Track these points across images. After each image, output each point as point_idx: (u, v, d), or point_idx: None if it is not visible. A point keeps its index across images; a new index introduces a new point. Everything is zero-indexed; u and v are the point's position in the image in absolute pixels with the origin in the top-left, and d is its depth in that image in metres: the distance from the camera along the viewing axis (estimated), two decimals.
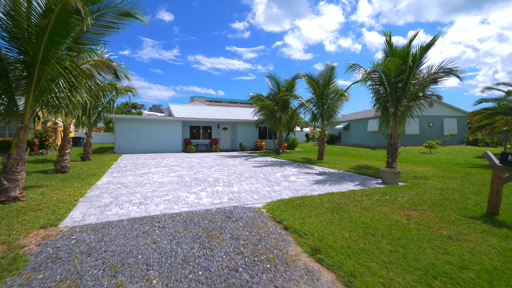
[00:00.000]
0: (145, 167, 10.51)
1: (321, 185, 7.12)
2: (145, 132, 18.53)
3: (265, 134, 23.05)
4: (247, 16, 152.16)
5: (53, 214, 4.31)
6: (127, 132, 17.99)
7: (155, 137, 18.82)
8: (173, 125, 19.42)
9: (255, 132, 22.34)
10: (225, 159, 13.99)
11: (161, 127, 19.03)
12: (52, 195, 5.50)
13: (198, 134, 21.79)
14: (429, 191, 6.42)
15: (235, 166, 11.16)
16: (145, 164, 11.51)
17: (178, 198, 5.63)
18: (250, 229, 3.89)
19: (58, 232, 3.63)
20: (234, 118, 21.40)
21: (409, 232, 3.75)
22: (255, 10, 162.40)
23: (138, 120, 18.39)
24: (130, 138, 18.07)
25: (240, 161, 13.08)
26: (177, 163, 12.09)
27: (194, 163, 12.13)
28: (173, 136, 19.42)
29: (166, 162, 12.43)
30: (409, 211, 4.79)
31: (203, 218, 4.30)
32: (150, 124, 18.71)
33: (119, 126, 17.80)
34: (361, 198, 5.58)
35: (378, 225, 4.04)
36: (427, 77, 9.11)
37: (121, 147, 17.84)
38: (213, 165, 11.40)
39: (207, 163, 12.13)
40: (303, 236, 3.63)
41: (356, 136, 28.12)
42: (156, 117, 18.87)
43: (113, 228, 3.83)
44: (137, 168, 10.33)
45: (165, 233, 3.65)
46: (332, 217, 4.39)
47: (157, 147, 18.89)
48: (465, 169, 10.35)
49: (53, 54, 5.34)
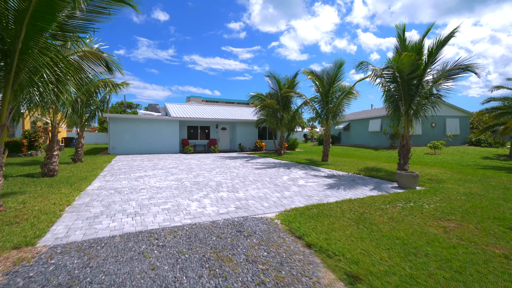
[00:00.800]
0: (141, 170, 9.82)
1: (335, 190, 6.52)
2: (141, 132, 17.80)
3: (264, 135, 22.45)
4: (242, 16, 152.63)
5: (32, 229, 3.64)
6: (122, 132, 17.23)
7: (151, 138, 18.09)
8: (170, 125, 18.70)
9: (254, 132, 21.72)
10: (225, 161, 13.34)
11: (157, 127, 18.30)
12: (35, 204, 4.81)
13: (196, 135, 21.10)
14: (453, 196, 5.87)
15: (237, 168, 10.53)
16: (140, 167, 10.81)
17: (179, 206, 4.98)
18: (267, 247, 3.27)
19: (34, 254, 2.96)
20: (233, 118, 20.76)
21: (456, 251, 3.16)
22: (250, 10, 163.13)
23: (133, 120, 17.64)
24: (125, 139, 17.32)
25: (242, 163, 12.45)
26: (175, 165, 11.42)
27: (193, 165, 11.46)
28: (170, 136, 18.70)
29: (163, 164, 11.75)
30: (443, 222, 4.21)
31: (209, 233, 3.66)
32: (146, 124, 17.97)
33: (113, 126, 17.03)
34: (384, 206, 4.99)
35: (415, 240, 3.45)
36: (442, 73, 8.59)
37: (115, 148, 17.08)
38: (213, 167, 10.75)
39: (207, 165, 11.48)
40: (332, 256, 3.01)
41: (356, 137, 27.65)
42: (152, 117, 18.14)
43: (103, 247, 3.17)
44: (132, 170, 9.63)
45: (165, 255, 3.01)
46: (360, 230, 3.78)
47: (154, 148, 18.16)
48: (478, 171, 9.85)
49: (35, 42, 4.66)
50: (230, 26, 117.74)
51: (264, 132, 22.42)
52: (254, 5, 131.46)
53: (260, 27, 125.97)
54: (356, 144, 27.12)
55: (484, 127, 14.54)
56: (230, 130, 22.19)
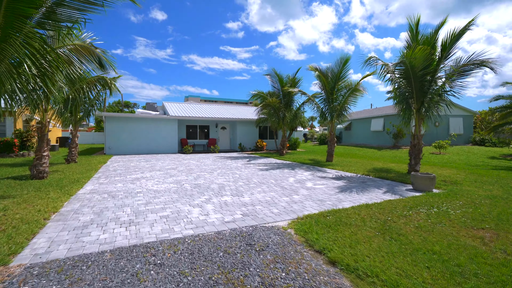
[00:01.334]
0: (138, 171, 9.30)
1: (347, 194, 6.04)
2: (138, 132, 17.24)
3: (265, 134, 21.95)
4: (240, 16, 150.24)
5: (8, 243, 3.12)
6: (118, 132, 16.67)
7: (149, 137, 17.54)
8: (169, 124, 18.16)
9: (255, 131, 21.22)
10: (226, 161, 12.83)
11: (155, 126, 17.75)
12: (17, 211, 4.29)
13: (195, 134, 20.57)
14: (477, 200, 5.40)
15: (239, 170, 10.03)
16: (137, 168, 10.29)
17: (179, 213, 4.48)
18: (284, 265, 2.77)
19: (4, 278, 2.45)
20: (234, 117, 20.25)
21: (508, 270, 2.68)
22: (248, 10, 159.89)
23: (130, 119, 17.09)
24: (121, 138, 16.76)
25: (243, 163, 11.96)
26: (174, 166, 10.90)
27: (193, 166, 10.94)
28: (169, 136, 18.16)
29: (161, 165, 11.22)
30: (477, 231, 3.73)
31: (215, 247, 3.16)
32: (144, 123, 17.42)
33: (109, 125, 16.47)
34: (407, 213, 4.51)
35: (455, 255, 2.96)
36: (456, 69, 8.13)
37: (112, 147, 16.52)
38: (214, 168, 10.24)
39: (207, 166, 10.96)
40: (364, 278, 2.52)
41: (358, 136, 27.23)
42: (150, 116, 17.60)
43: (89, 267, 2.66)
44: (128, 172, 9.11)
45: (164, 277, 2.51)
46: (388, 242, 3.30)
47: (151, 147, 17.61)
48: (491, 171, 9.42)
49: (17, 29, 4.14)
50: (228, 26, 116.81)
51: (264, 131, 21.92)
52: (252, 5, 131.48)
53: (258, 27, 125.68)
54: (358, 144, 26.70)
55: (492, 126, 14.12)
56: (230, 130, 21.68)
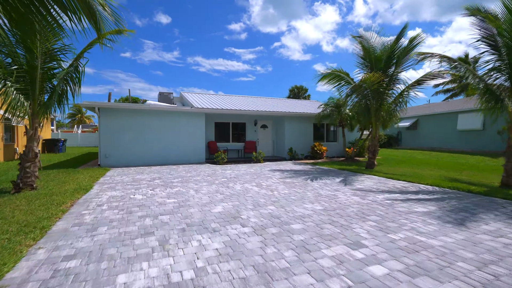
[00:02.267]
0: (158, 229, 3.51)
1: None
2: (149, 131, 11.54)
3: (321, 135, 15.91)
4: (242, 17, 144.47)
5: None
6: (119, 131, 11.01)
7: (164, 140, 11.81)
8: (193, 120, 12.40)
9: (309, 131, 15.22)
10: (314, 185, 6.89)
11: (173, 123, 12.01)
12: None
13: (227, 135, 14.75)
14: None
15: (404, 219, 4.06)
16: (151, 210, 4.52)
17: None
18: None
19: None
20: (281, 111, 14.29)
21: None
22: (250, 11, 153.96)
23: (137, 112, 11.39)
24: (124, 142, 11.08)
25: (361, 196, 6.00)
26: (232, 205, 5.04)
27: (279, 202, 5.05)
28: (193, 137, 12.40)
29: (203, 200, 5.39)
30: None
31: None
32: (157, 118, 11.70)
33: (106, 121, 10.81)
34: None
35: None
36: None
37: (109, 156, 10.85)
38: (352, 221, 4.31)
39: (305, 202, 5.04)
40: None
41: (430, 137, 20.87)
42: (166, 108, 11.86)
43: None
44: (133, 241, 3.32)
45: None
46: None
47: (168, 155, 11.87)
48: None
49: None
50: (230, 28, 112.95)
51: (321, 130, 15.87)
52: (254, 6, 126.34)
53: (261, 27, 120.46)
54: (429, 147, 20.37)
55: None
56: (272, 129, 15.76)
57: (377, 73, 9.00)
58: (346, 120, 13.16)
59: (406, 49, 9.22)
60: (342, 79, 10.79)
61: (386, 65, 9.93)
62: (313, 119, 14.99)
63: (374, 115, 10.34)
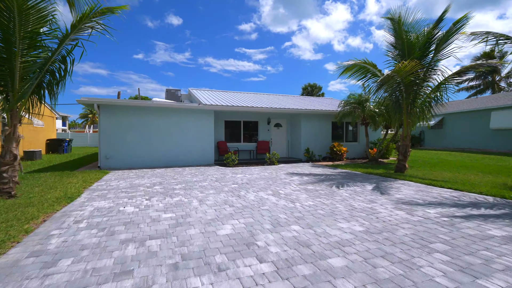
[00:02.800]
0: (141, 264, 2.42)
1: None
2: (153, 131, 10.60)
3: (341, 135, 14.56)
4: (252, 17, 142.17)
5: None
6: (120, 130, 10.12)
7: (169, 139, 10.84)
8: (201, 118, 11.38)
9: (327, 131, 13.92)
10: (342, 193, 5.68)
11: (180, 121, 11.03)
12: None
13: (238, 134, 13.67)
14: None
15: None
16: (140, 237, 3.45)
17: None
18: None
19: None
20: (297, 108, 13.06)
21: None
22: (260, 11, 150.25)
23: (141, 109, 10.47)
24: (125, 142, 10.18)
25: (408, 211, 4.75)
26: (245, 223, 3.92)
27: (305, 220, 3.89)
28: (202, 136, 11.38)
29: (206, 214, 4.30)
30: None
31: None
32: (163, 116, 10.74)
33: (107, 119, 9.94)
34: None
35: None
36: None
37: (110, 157, 9.97)
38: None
39: (339, 219, 3.86)
40: None
41: (458, 136, 19.12)
42: (172, 105, 10.89)
43: None
44: (101, 286, 2.24)
45: None
46: None
47: (174, 156, 10.90)
48: None
49: None
50: (241, 28, 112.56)
51: (340, 130, 14.54)
52: (264, 6, 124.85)
53: (271, 27, 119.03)
54: (457, 148, 18.63)
55: None
56: (287, 127, 14.55)
57: (413, 61, 7.65)
58: (370, 117, 11.81)
59: (449, 33, 7.82)
60: (367, 71, 9.49)
61: (422, 52, 8.56)
62: (332, 117, 13.70)
63: (406, 111, 8.99)
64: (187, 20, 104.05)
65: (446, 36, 7.98)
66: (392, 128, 12.80)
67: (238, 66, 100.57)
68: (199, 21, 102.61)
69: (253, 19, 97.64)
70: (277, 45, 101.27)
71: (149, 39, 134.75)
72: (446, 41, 8.05)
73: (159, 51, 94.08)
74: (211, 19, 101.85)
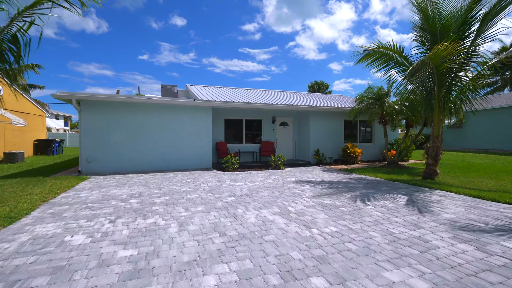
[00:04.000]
0: None
1: None
2: (143, 130, 9.32)
3: (355, 134, 13.10)
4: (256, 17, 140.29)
5: None
6: (105, 130, 8.86)
7: (162, 140, 9.55)
8: (197, 115, 10.06)
9: (339, 130, 12.48)
10: (371, 212, 4.29)
11: (173, 120, 9.73)
12: None
13: (239, 134, 12.32)
14: None
15: None
16: None
17: None
18: None
19: None
20: (306, 104, 11.63)
21: None
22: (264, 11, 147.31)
23: (128, 106, 9.20)
24: (111, 143, 8.92)
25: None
26: (238, 271, 2.55)
27: (330, 263, 2.50)
28: (197, 137, 10.06)
29: (182, 251, 2.94)
30: None
31: None
32: (155, 113, 9.46)
33: (88, 117, 8.69)
34: None
35: None
36: None
37: (93, 160, 8.72)
38: None
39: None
40: None
41: (481, 136, 17.48)
42: (165, 101, 9.58)
43: None
44: None
45: None
46: None
47: (166, 159, 9.60)
48: None
49: None
50: (244, 28, 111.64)
51: (353, 129, 13.08)
52: (268, 7, 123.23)
53: (275, 27, 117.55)
54: (481, 149, 16.99)
55: None
56: (294, 127, 13.15)
57: (452, 44, 6.18)
58: (390, 115, 10.34)
59: (500, 2, 6.29)
60: (391, 59, 8.05)
61: (459, 36, 7.08)
62: (344, 115, 12.26)
63: (438, 106, 7.52)
64: (191, 21, 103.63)
65: (492, 14, 6.49)
66: (414, 126, 11.30)
67: (242, 66, 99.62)
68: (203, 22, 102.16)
69: (257, 19, 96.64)
70: (281, 45, 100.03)
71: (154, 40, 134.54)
72: (491, 20, 6.57)
73: (163, 51, 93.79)
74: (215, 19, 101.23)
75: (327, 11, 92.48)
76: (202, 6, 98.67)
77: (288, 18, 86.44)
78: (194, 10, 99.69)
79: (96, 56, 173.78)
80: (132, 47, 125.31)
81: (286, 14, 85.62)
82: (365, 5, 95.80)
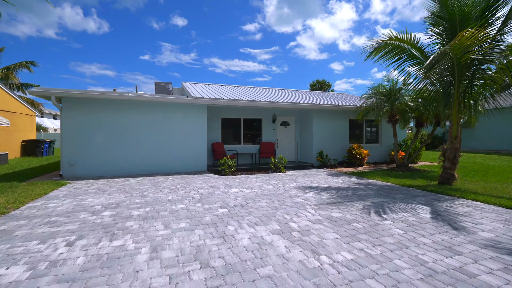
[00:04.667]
0: None
1: None
2: (132, 130, 8.56)
3: (360, 135, 12.29)
4: (257, 17, 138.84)
5: None
6: (89, 130, 8.10)
7: (153, 141, 8.79)
8: (191, 114, 9.29)
9: (344, 130, 11.67)
10: (391, 229, 3.51)
11: (165, 119, 8.97)
12: None
13: (237, 134, 11.55)
14: None
15: None
16: None
17: None
18: None
19: None
20: (308, 102, 10.83)
21: None
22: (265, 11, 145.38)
23: (114, 103, 8.44)
24: (95, 144, 8.16)
25: None
26: None
27: None
28: (191, 137, 9.29)
29: None
30: None
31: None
32: (144, 111, 8.70)
33: (70, 115, 7.94)
34: None
35: None
36: None
37: (75, 163, 7.97)
38: None
39: None
40: None
41: (492, 137, 16.67)
42: (156, 98, 8.81)
43: None
44: None
45: None
46: None
47: (157, 162, 8.84)
48: None
49: None
50: (245, 28, 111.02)
51: (358, 129, 12.27)
52: (269, 7, 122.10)
53: (276, 27, 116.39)
54: (492, 150, 16.17)
55: None
56: (296, 126, 12.36)
57: (479, 30, 5.38)
58: (401, 113, 9.54)
59: None
60: (403, 51, 7.25)
61: (480, 24, 6.27)
62: (349, 114, 11.48)
63: (457, 103, 6.73)
64: (192, 21, 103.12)
65: None
66: (426, 125, 10.51)
67: (243, 66, 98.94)
68: (204, 22, 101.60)
69: (258, 19, 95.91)
70: (282, 45, 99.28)
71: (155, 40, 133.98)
72: None
73: (165, 52, 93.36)
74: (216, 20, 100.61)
75: (328, 11, 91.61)
76: (203, 6, 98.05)
77: (289, 18, 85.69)
78: (195, 10, 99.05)
79: (97, 57, 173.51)
80: (134, 47, 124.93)
81: (287, 14, 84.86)
82: (365, 5, 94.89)
